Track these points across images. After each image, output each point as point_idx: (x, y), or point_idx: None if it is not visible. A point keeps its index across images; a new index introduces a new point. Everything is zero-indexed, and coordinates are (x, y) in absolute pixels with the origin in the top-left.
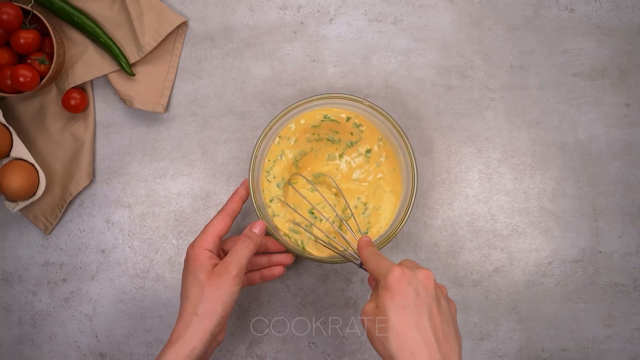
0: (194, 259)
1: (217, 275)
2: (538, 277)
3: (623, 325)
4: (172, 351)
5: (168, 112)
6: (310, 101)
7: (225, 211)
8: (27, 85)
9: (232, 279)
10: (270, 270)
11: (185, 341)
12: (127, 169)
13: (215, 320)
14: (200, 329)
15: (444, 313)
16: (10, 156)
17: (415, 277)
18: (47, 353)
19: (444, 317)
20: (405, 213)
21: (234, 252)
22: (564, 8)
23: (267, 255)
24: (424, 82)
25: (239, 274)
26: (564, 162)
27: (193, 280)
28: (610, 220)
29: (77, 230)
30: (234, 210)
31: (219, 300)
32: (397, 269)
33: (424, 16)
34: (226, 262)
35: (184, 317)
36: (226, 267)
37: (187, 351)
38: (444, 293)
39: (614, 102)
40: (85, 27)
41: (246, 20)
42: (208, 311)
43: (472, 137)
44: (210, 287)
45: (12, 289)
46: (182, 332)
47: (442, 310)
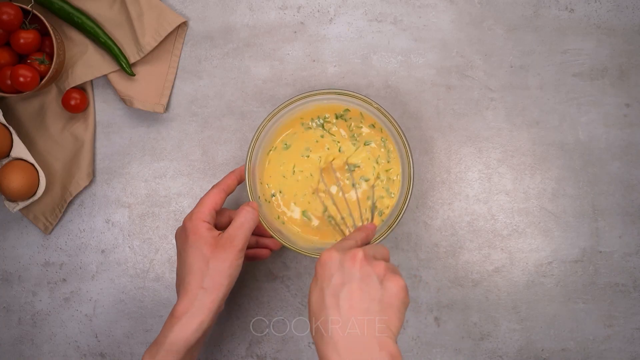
0: (195, 231)
1: (222, 248)
2: (538, 277)
3: (623, 325)
4: (180, 325)
5: (168, 112)
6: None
7: (220, 186)
8: (27, 85)
9: (238, 251)
10: (257, 252)
11: (193, 315)
12: (127, 169)
13: (222, 293)
14: (208, 302)
15: (369, 291)
16: (10, 156)
17: (339, 258)
18: (47, 353)
19: (369, 295)
20: (401, 209)
21: (238, 223)
22: (564, 8)
23: (256, 237)
24: (424, 82)
25: (244, 246)
26: (564, 162)
27: (196, 254)
28: (610, 220)
29: (77, 230)
30: (229, 186)
31: (225, 273)
32: (325, 252)
33: (424, 16)
34: (231, 234)
35: (190, 290)
36: (232, 240)
37: (196, 325)
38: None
39: (614, 102)
40: (85, 27)
41: (246, 20)
42: (215, 284)
43: (472, 137)
44: (216, 260)
45: (12, 289)
46: (189, 306)
47: (367, 288)
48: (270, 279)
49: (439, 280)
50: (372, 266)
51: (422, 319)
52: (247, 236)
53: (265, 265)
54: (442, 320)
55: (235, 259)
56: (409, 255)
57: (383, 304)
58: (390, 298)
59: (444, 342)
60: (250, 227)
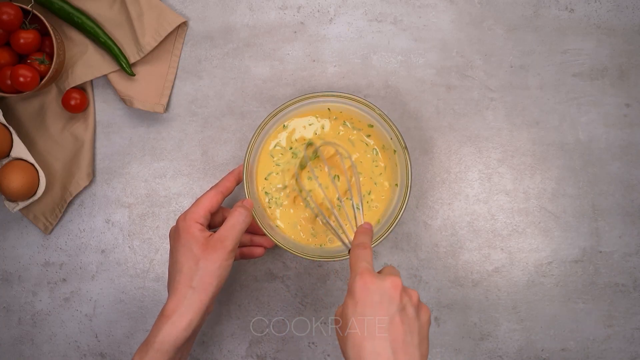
0: (187, 231)
1: (212, 249)
2: (538, 277)
3: (623, 325)
4: (169, 325)
5: (168, 112)
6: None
7: (218, 187)
8: (27, 85)
9: (227, 252)
10: (251, 250)
11: (182, 314)
12: (127, 169)
13: (210, 292)
14: (197, 302)
15: (408, 323)
16: (10, 156)
17: (381, 285)
18: (47, 353)
19: (408, 327)
20: (401, 209)
21: (230, 225)
22: (564, 8)
23: (250, 235)
24: (424, 82)
25: (234, 247)
26: (564, 162)
27: (187, 253)
28: (610, 220)
29: (77, 230)
30: (227, 189)
31: (214, 273)
32: (364, 276)
33: (424, 16)
34: (222, 235)
35: (179, 290)
36: (222, 241)
37: (185, 324)
38: (413, 301)
39: (614, 102)
40: (85, 27)
41: (246, 20)
42: (204, 284)
43: (472, 137)
44: (206, 260)
45: (12, 289)
46: (178, 305)
47: (406, 319)
48: (270, 279)
49: (439, 280)
50: (409, 296)
51: None
52: (238, 237)
53: (265, 265)
54: (442, 320)
55: (225, 259)
56: (409, 255)
57: (421, 335)
58: (423, 328)
59: (444, 342)
60: (241, 229)
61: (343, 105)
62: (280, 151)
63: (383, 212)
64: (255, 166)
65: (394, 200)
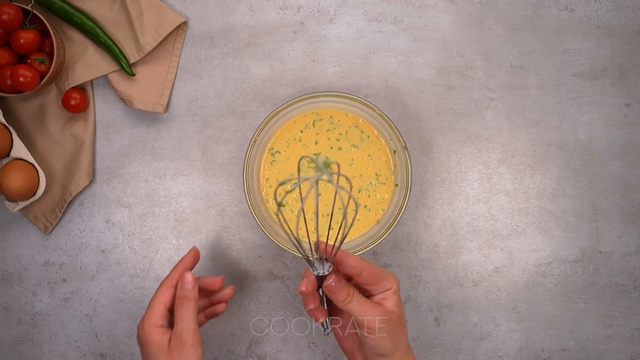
0: (149, 340)
1: (177, 352)
2: (538, 277)
3: (623, 325)
4: None
5: (168, 112)
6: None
7: (168, 281)
8: (27, 85)
9: (191, 347)
10: (213, 309)
11: None
12: (127, 169)
13: None
14: None
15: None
16: (10, 156)
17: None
18: (47, 353)
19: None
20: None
21: (179, 321)
22: (564, 8)
23: (207, 297)
24: (424, 82)
25: (195, 339)
26: (564, 162)
27: None
28: (610, 220)
29: (77, 230)
30: (176, 281)
31: None
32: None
33: (424, 16)
34: (177, 334)
35: None
36: (181, 340)
37: None
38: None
39: (614, 102)
40: (85, 27)
41: (246, 20)
42: None
43: (472, 137)
44: None
45: (12, 289)
46: None
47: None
48: (270, 279)
49: (439, 280)
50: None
51: (422, 319)
52: (193, 328)
53: (265, 265)
54: (442, 320)
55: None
56: (409, 255)
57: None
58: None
59: (444, 342)
60: (192, 318)
61: (344, 107)
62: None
63: (383, 212)
64: (256, 166)
65: (394, 200)
